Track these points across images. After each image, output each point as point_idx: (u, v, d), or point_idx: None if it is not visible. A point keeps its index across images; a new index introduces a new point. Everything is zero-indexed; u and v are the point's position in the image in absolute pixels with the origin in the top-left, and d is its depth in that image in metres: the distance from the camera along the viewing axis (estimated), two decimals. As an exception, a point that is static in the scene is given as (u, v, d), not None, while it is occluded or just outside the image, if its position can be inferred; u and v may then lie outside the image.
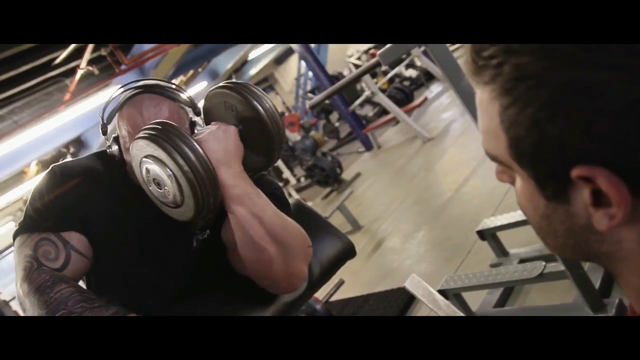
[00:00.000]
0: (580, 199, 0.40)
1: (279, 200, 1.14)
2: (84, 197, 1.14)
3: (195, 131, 1.17)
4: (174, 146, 0.93)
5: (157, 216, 1.10)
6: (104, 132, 1.18)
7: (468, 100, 1.51)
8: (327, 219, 1.30)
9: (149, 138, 0.95)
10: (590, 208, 0.40)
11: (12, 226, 9.39)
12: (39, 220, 1.11)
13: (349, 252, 1.20)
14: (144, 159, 0.97)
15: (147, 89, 1.13)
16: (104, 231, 1.14)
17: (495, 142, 0.44)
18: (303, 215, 1.21)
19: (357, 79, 1.97)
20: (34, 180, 7.36)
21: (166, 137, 0.94)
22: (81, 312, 1.00)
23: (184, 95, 1.16)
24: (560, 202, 0.42)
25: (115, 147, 1.15)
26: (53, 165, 1.19)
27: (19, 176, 7.80)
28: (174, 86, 1.17)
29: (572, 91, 0.37)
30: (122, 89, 1.15)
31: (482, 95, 0.44)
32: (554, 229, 0.45)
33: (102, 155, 1.22)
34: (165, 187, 0.96)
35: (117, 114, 1.14)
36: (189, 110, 1.18)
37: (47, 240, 1.09)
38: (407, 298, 2.56)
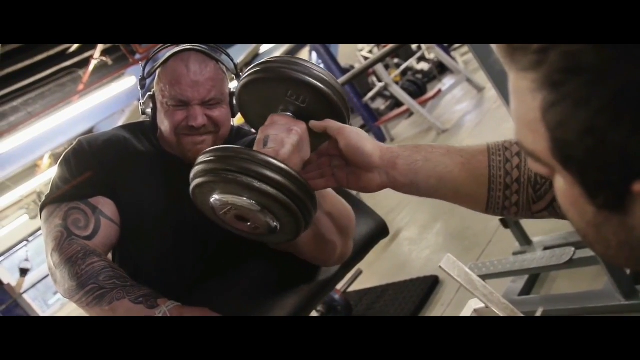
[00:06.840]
0: None
1: None
2: (111, 165, 1.12)
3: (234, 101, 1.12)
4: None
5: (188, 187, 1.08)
6: (142, 87, 1.15)
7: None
8: (358, 197, 1.26)
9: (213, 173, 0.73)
10: None
11: (25, 220, 9.41)
12: (66, 189, 1.10)
13: (382, 231, 1.17)
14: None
15: (195, 49, 1.09)
16: (131, 201, 1.12)
17: (532, 137, 0.37)
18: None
19: (388, 55, 1.94)
20: (47, 174, 7.39)
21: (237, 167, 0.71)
22: (112, 289, 0.98)
23: (230, 63, 1.13)
24: (614, 212, 0.36)
25: (149, 106, 1.12)
26: (79, 137, 1.18)
27: (32, 169, 7.84)
28: (223, 51, 1.13)
29: None
30: (168, 48, 1.12)
31: (519, 82, 0.36)
32: (605, 239, 0.39)
33: (129, 126, 1.22)
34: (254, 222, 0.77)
35: (159, 69, 1.09)
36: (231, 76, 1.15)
37: (76, 209, 1.08)
38: (427, 287, 2.53)
